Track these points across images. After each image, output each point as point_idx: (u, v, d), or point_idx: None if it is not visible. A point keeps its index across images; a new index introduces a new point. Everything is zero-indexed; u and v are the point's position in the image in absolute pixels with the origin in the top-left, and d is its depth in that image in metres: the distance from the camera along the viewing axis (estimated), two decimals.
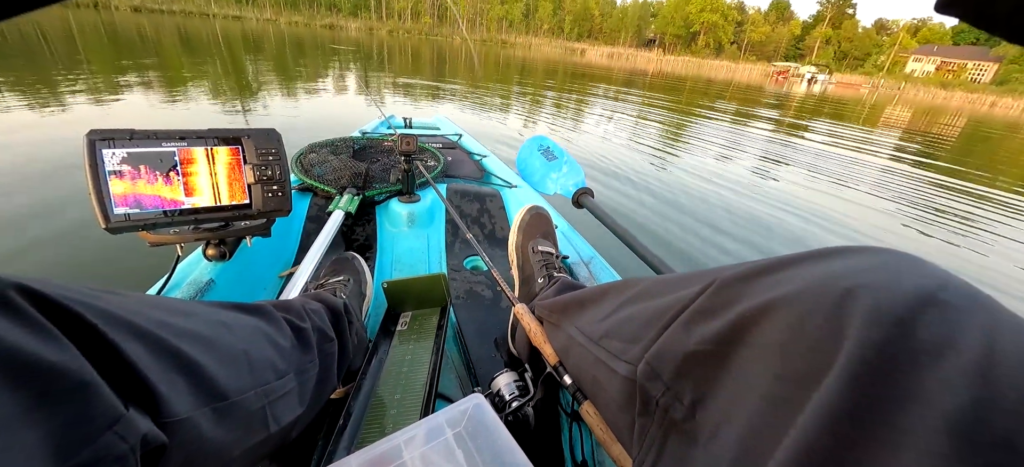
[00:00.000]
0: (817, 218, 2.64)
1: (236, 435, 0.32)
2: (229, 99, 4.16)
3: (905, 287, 0.20)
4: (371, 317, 0.77)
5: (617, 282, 0.46)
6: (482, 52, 23.00)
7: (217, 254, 0.65)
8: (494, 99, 6.25)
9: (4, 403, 0.18)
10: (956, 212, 3.10)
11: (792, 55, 56.81)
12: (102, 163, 0.51)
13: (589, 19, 58.96)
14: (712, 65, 44.05)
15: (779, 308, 0.24)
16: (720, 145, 4.62)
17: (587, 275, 0.85)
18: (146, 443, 0.23)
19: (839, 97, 18.97)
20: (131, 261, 1.34)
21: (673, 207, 2.52)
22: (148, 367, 0.25)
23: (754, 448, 0.22)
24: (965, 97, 33.41)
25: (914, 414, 0.17)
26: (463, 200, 1.15)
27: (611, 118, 5.72)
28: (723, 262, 1.82)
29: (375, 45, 18.51)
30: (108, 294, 0.26)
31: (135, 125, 0.53)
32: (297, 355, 0.42)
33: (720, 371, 0.27)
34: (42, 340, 0.20)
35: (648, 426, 0.32)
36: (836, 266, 0.23)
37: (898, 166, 4.69)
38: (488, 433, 0.39)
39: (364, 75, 3.88)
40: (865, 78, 41.88)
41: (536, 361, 0.58)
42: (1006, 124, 14.41)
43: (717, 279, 0.30)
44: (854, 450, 0.18)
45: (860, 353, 0.19)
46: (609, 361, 0.38)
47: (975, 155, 6.42)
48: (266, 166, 0.62)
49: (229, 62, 6.86)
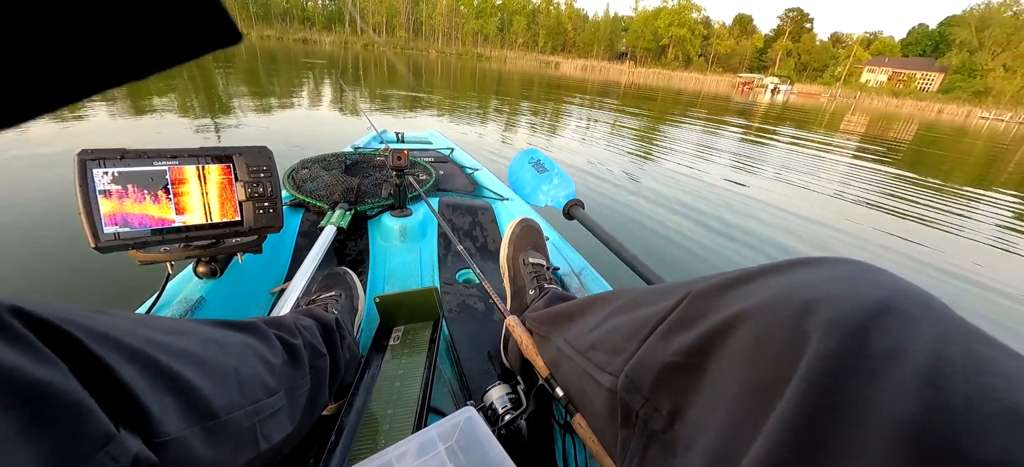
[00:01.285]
0: (786, 216, 2.88)
1: (226, 454, 0.31)
2: (199, 116, 4.07)
3: (861, 297, 0.21)
4: (363, 332, 0.77)
5: (604, 294, 0.47)
6: (458, 65, 23.12)
7: (208, 271, 0.65)
8: (477, 111, 6.34)
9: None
10: (914, 207, 3.44)
11: (756, 67, 59.21)
12: (92, 183, 0.50)
13: (562, 33, 60.11)
14: (681, 77, 45.51)
15: (746, 319, 0.25)
16: (697, 151, 4.89)
17: (578, 286, 0.86)
18: (137, 463, 0.23)
19: (801, 106, 20.10)
20: (120, 279, 1.32)
21: (657, 208, 2.63)
22: (139, 387, 0.25)
23: (725, 456, 0.23)
24: (915, 104, 35.64)
25: (867, 421, 0.17)
26: (455, 213, 1.16)
27: (588, 128, 5.93)
28: (701, 268, 1.92)
29: (350, 59, 18.35)
30: (99, 314, 0.27)
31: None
32: (288, 372, 0.41)
33: (695, 382, 0.27)
34: (36, 361, 0.20)
35: (630, 437, 0.32)
36: (799, 278, 0.24)
37: (859, 168, 5.10)
38: (480, 446, 0.39)
39: (351, 90, 3.85)
40: (824, 88, 44.09)
41: (528, 373, 0.58)
42: (953, 128, 16.06)
43: (691, 292, 0.31)
44: (812, 457, 0.18)
45: (818, 363, 0.19)
46: (595, 373, 0.38)
47: (927, 156, 7.14)
48: (257, 183, 0.62)
49: (198, 78, 6.67)
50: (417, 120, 5.04)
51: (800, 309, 0.22)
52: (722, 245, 2.25)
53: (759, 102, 19.33)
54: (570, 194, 1.01)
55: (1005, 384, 0.17)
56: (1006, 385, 0.17)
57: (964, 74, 40.78)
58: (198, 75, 6.80)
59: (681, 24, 55.66)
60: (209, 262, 0.65)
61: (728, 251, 2.19)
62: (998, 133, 16.43)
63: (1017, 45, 39.34)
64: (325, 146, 1.56)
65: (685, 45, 56.37)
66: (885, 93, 40.38)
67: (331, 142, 3.28)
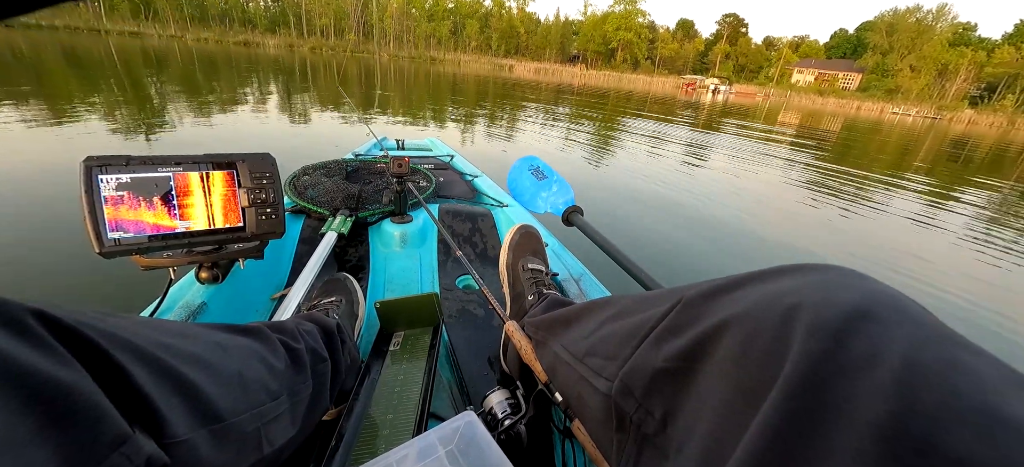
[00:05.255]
0: (737, 199, 3.35)
1: (231, 456, 0.32)
2: (196, 124, 3.95)
3: (841, 302, 0.21)
4: (363, 337, 0.77)
5: (600, 300, 0.48)
6: (411, 69, 22.81)
7: (210, 277, 0.65)
8: (433, 116, 6.36)
9: (19, 424, 0.19)
10: (843, 191, 4.07)
11: (699, 69, 61.77)
12: (98, 189, 0.50)
13: (515, 36, 60.45)
14: (630, 78, 46.86)
15: (734, 325, 0.25)
16: (653, 145, 5.43)
17: (577, 292, 0.87)
18: (151, 464, 0.24)
19: (740, 105, 21.64)
20: (120, 283, 1.35)
21: (652, 212, 2.78)
22: (151, 389, 0.26)
23: (713, 458, 0.23)
24: (837, 102, 38.65)
25: (845, 422, 0.18)
26: (455, 220, 1.17)
27: (544, 127, 6.23)
28: (697, 271, 1.99)
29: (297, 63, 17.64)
30: (112, 317, 0.27)
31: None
32: (290, 376, 0.42)
33: (686, 387, 0.28)
34: (56, 362, 0.21)
35: (625, 442, 0.33)
36: (783, 284, 0.25)
37: (796, 158, 5.91)
38: (480, 451, 0.39)
39: (349, 98, 3.88)
40: (759, 88, 46.87)
41: (528, 378, 0.58)
42: (869, 123, 18.02)
43: (683, 298, 0.31)
44: (793, 457, 0.19)
45: (799, 366, 0.20)
46: (591, 378, 0.39)
47: (852, 148, 8.16)
48: (260, 189, 0.63)
49: (128, 84, 6.22)
50: (429, 130, 5.08)
51: (783, 314, 0.23)
52: (715, 247, 2.36)
53: (703, 102, 20.59)
54: (569, 201, 1.02)
55: (975, 384, 0.17)
56: (976, 385, 0.17)
57: (878, 74, 44.42)
58: (128, 80, 6.32)
59: (628, 28, 57.21)
60: (211, 268, 0.65)
61: (721, 254, 2.29)
62: (906, 126, 18.58)
63: (920, 48, 43.59)
64: (324, 153, 1.54)
65: (632, 49, 58.06)
66: (812, 92, 43.50)
67: (328, 149, 3.32)
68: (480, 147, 4.48)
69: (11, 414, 0.18)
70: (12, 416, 0.18)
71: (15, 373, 0.19)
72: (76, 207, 0.48)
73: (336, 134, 4.34)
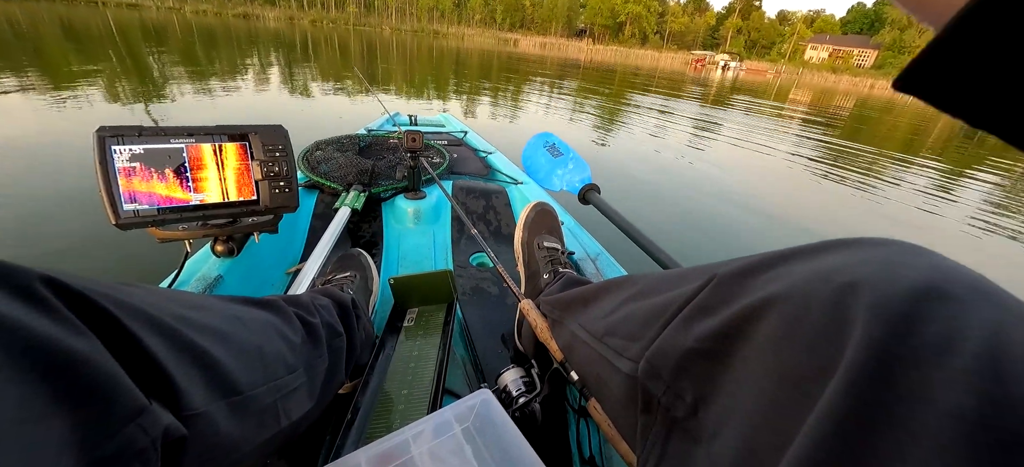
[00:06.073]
0: (749, 176, 3.32)
1: (249, 429, 0.32)
2: (206, 92, 3.97)
3: (908, 280, 0.19)
4: (378, 313, 0.77)
5: (619, 278, 0.46)
6: (413, 43, 22.41)
7: (226, 250, 0.64)
8: (435, 91, 6.30)
9: (32, 394, 0.18)
10: (858, 169, 4.08)
11: (709, 44, 60.58)
12: (112, 160, 0.50)
13: (520, 9, 59.13)
14: (638, 54, 46.12)
15: (777, 304, 0.24)
16: (667, 121, 5.40)
17: (594, 271, 0.85)
18: (167, 435, 0.23)
19: (750, 82, 21.28)
20: (138, 257, 1.36)
21: (672, 190, 2.73)
22: (167, 360, 0.25)
23: (758, 449, 0.22)
24: (851, 81, 37.89)
25: (920, 417, 0.16)
26: (469, 197, 1.15)
27: (552, 103, 6.25)
28: (721, 255, 1.95)
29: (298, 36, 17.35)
30: (128, 287, 0.26)
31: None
32: (307, 350, 0.42)
33: (721, 369, 0.27)
34: (69, 332, 0.20)
35: (651, 424, 0.32)
36: (835, 259, 0.23)
37: (808, 137, 5.85)
38: (496, 429, 0.39)
39: (363, 73, 3.87)
40: (771, 65, 46.01)
41: (542, 357, 0.58)
42: (883, 103, 17.56)
43: (716, 275, 0.30)
44: (862, 454, 0.17)
45: (864, 352, 0.18)
46: (612, 359, 0.38)
47: (865, 128, 8.17)
48: (273, 162, 0.62)
49: (128, 57, 6.15)
50: (413, 102, 5.06)
51: (836, 294, 0.21)
52: (744, 228, 2.29)
53: (712, 79, 20.24)
54: (586, 178, 1.00)
55: None
56: None
57: (895, 51, 43.58)
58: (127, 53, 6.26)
59: (637, 1, 56.15)
60: (227, 241, 0.65)
61: (751, 233, 2.24)
62: (919, 108, 18.04)
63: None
64: (334, 128, 1.53)
65: (641, 22, 56.91)
66: (825, 70, 42.75)
67: (339, 124, 3.26)
68: (492, 123, 4.41)
69: (24, 386, 0.18)
70: (25, 388, 0.18)
71: (26, 343, 0.18)
72: (82, 183, 0.47)
73: (343, 109, 4.31)
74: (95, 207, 0.49)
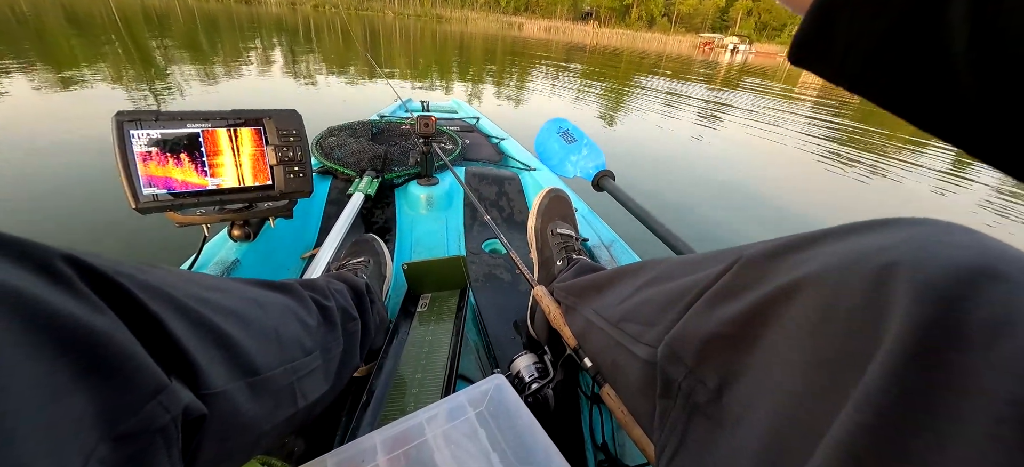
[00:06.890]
0: (764, 161, 3.32)
1: (267, 409, 0.32)
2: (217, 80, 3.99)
3: (954, 259, 0.18)
4: (391, 299, 0.78)
5: (635, 264, 0.45)
6: (417, 28, 22.17)
7: (242, 235, 0.65)
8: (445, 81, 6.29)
9: (53, 371, 0.18)
10: (869, 151, 4.15)
11: (718, 26, 59.52)
12: (130, 144, 0.50)
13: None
14: (645, 37, 45.39)
15: (809, 287, 0.23)
16: (678, 106, 5.39)
17: (608, 258, 0.84)
18: (187, 413, 0.24)
19: (760, 66, 20.85)
20: (156, 240, 1.38)
21: (689, 178, 2.71)
22: (188, 340, 0.25)
23: (787, 434, 0.21)
24: None
25: (970, 402, 0.15)
26: (481, 183, 1.15)
27: (561, 87, 6.31)
28: (720, 236, 1.92)
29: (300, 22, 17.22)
30: (149, 268, 0.26)
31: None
32: (323, 333, 0.42)
33: (746, 354, 0.26)
34: (90, 309, 0.20)
35: (670, 409, 0.31)
36: (871, 240, 0.22)
37: (818, 120, 5.86)
38: (510, 414, 0.39)
39: (374, 60, 3.89)
40: (781, 48, 45.08)
41: (556, 343, 0.58)
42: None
43: (741, 257, 0.29)
44: (905, 442, 0.16)
45: (907, 335, 0.17)
46: (628, 344, 0.37)
47: (876, 112, 7.51)
48: (287, 147, 0.62)
49: (131, 44, 6.15)
50: (418, 87, 5.08)
51: (876, 275, 0.20)
52: (764, 216, 2.26)
53: (721, 62, 19.89)
54: (600, 165, 0.99)
55: None
56: None
57: None
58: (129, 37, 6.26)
59: None
60: (243, 225, 0.66)
61: (772, 223, 2.21)
62: None
63: None
64: (346, 114, 1.54)
65: (649, 4, 55.82)
66: None
67: (348, 110, 3.26)
68: (504, 109, 4.39)
69: (45, 362, 0.18)
70: (47, 364, 0.18)
71: (48, 319, 0.18)
72: (96, 169, 0.48)
73: (354, 95, 4.31)
74: (107, 192, 0.49)
